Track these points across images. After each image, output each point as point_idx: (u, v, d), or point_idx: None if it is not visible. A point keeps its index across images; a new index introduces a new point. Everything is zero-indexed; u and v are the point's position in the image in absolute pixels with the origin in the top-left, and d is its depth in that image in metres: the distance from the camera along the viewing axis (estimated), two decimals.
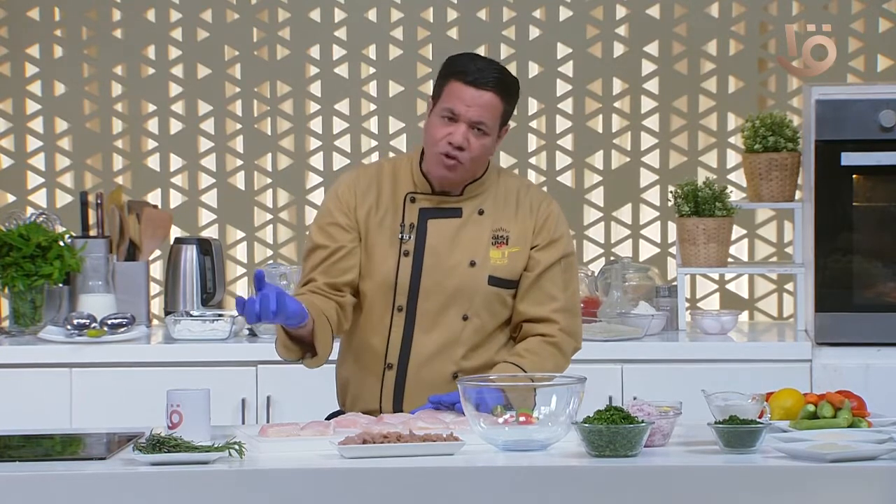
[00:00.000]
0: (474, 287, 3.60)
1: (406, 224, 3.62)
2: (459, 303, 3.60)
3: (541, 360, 3.59)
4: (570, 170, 6.08)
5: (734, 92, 6.03)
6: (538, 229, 3.65)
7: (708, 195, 5.09)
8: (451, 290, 3.60)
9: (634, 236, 6.07)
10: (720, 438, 3.20)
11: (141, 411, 4.09)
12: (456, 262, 3.60)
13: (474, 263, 3.61)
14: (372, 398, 3.64)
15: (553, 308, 3.64)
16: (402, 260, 3.60)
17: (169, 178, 6.07)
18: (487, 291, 3.62)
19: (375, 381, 3.63)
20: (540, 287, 3.64)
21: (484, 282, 3.62)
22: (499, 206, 3.65)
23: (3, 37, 6.03)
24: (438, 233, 3.62)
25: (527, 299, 3.64)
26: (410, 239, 3.62)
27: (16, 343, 4.84)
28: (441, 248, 3.61)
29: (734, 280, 6.02)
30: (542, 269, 3.64)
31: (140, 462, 3.09)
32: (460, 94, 3.56)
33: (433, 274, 3.59)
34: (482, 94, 3.55)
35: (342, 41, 6.07)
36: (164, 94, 6.06)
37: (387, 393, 3.62)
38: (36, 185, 6.06)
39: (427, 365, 3.60)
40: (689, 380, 4.53)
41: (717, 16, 6.02)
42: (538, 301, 3.64)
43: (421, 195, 3.64)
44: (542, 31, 6.06)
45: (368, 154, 6.09)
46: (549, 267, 3.65)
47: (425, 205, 3.63)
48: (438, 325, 3.60)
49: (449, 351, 3.60)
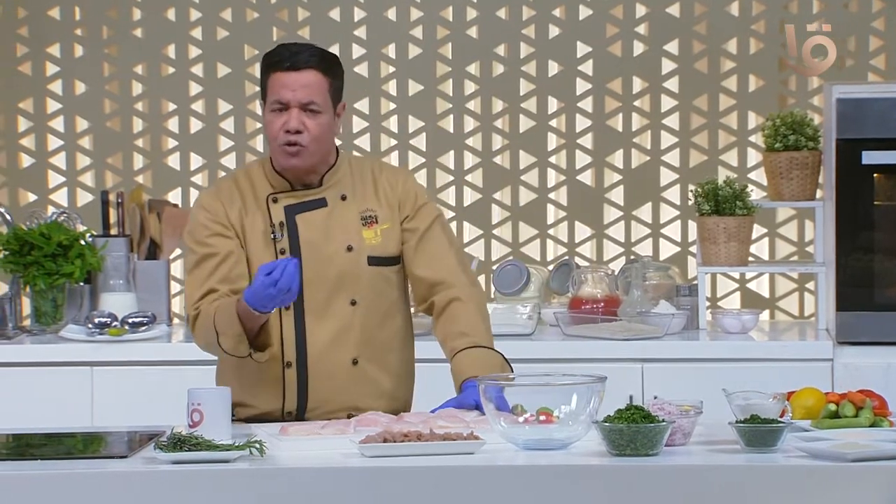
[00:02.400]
0: (356, 271, 3.64)
1: (276, 224, 3.63)
2: (345, 289, 3.63)
3: (477, 326, 3.62)
4: (590, 169, 6.07)
5: (755, 90, 6.02)
6: (402, 203, 3.71)
7: (728, 194, 5.08)
8: (333, 278, 3.62)
9: (655, 235, 6.06)
10: (741, 438, 3.20)
11: (162, 410, 4.10)
12: (333, 250, 3.64)
13: (351, 248, 3.65)
14: (271, 401, 3.64)
15: (449, 266, 3.68)
16: (280, 258, 3.62)
17: (189, 176, 6.08)
18: (370, 272, 3.66)
19: (275, 382, 3.63)
20: (426, 249, 3.69)
21: (364, 264, 3.66)
22: (358, 189, 3.69)
23: (24, 36, 6.05)
24: (309, 225, 3.65)
25: (419, 264, 3.69)
26: (283, 237, 3.64)
27: (37, 342, 4.86)
28: (315, 238, 3.64)
29: (755, 279, 6.01)
30: (421, 233, 3.70)
31: (161, 460, 3.09)
32: (283, 82, 3.59)
33: (313, 265, 3.62)
34: (302, 74, 3.59)
35: (362, 40, 6.08)
36: (184, 93, 6.07)
37: (290, 390, 3.63)
38: (57, 185, 6.08)
39: (325, 355, 3.63)
40: (709, 379, 4.52)
41: (737, 14, 6.01)
42: (431, 262, 3.68)
43: (281, 194, 3.67)
44: (561, 30, 6.06)
45: (388, 153, 6.09)
46: (427, 229, 3.70)
47: (288, 202, 3.66)
48: (328, 315, 3.63)
49: (344, 338, 3.62)
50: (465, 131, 6.09)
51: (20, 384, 4.70)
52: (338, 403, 3.62)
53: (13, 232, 5.04)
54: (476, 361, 3.57)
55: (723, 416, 3.36)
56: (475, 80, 6.08)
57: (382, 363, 3.67)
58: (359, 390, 3.63)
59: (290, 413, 3.63)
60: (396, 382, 3.70)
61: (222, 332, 3.55)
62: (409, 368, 3.76)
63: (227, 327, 3.54)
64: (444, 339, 3.65)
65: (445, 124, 6.10)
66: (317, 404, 3.62)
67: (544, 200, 6.09)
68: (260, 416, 3.60)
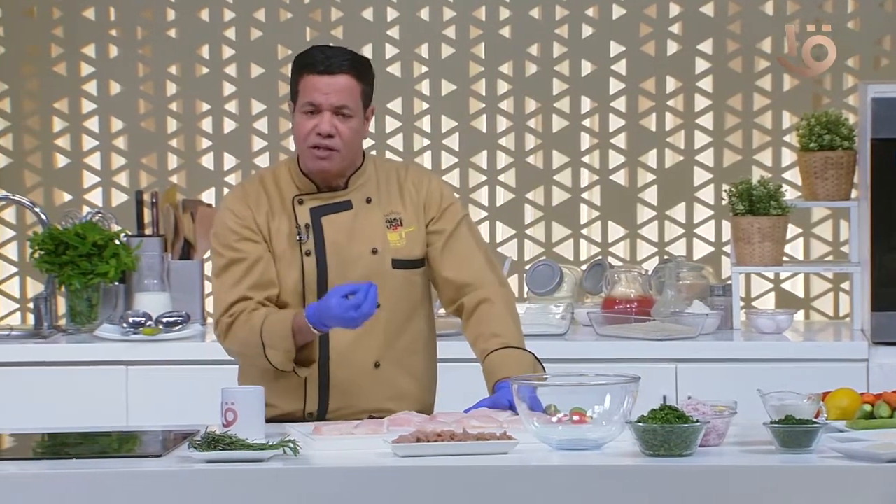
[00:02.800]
0: (381, 274, 3.63)
1: (301, 225, 3.63)
2: None
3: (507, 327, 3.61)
4: (624, 168, 6.06)
5: (789, 90, 6.00)
6: (427, 205, 3.70)
7: (763, 194, 5.06)
8: (358, 280, 3.61)
9: (688, 235, 6.04)
10: (776, 438, 3.18)
11: (196, 409, 4.11)
12: (358, 253, 3.63)
13: (376, 251, 3.64)
14: (293, 402, 3.64)
15: (477, 267, 3.67)
16: (306, 260, 3.62)
17: (223, 176, 6.10)
18: (395, 275, 3.65)
19: (297, 383, 3.63)
20: (453, 251, 3.68)
21: (389, 266, 3.65)
22: (383, 191, 3.68)
23: (59, 37, 6.08)
24: (334, 227, 3.64)
25: (447, 266, 3.67)
26: (308, 239, 3.64)
27: (73, 341, 4.88)
28: (340, 241, 3.63)
29: (789, 279, 5.99)
30: (448, 235, 3.68)
31: (195, 459, 3.10)
32: (315, 85, 3.59)
33: (338, 268, 3.62)
34: (336, 78, 3.59)
35: (395, 40, 6.08)
36: (218, 93, 6.08)
37: (311, 391, 3.63)
38: (92, 184, 6.10)
39: (347, 357, 3.62)
40: (744, 379, 4.50)
41: (771, 13, 5.99)
42: (459, 264, 3.67)
43: (307, 196, 3.66)
44: (595, 30, 6.05)
45: (421, 153, 6.09)
46: (454, 230, 3.69)
47: (314, 204, 3.66)
48: None
49: (366, 340, 3.62)
50: (497, 131, 6.09)
51: (56, 383, 4.72)
52: (359, 406, 3.62)
53: (48, 232, 5.07)
54: (508, 362, 3.56)
55: (757, 416, 3.34)
56: (508, 80, 6.07)
57: (404, 366, 3.67)
58: (380, 393, 3.63)
59: (310, 414, 3.63)
60: (418, 385, 3.70)
61: (272, 346, 3.55)
62: (431, 372, 3.75)
63: (280, 342, 3.54)
64: (475, 340, 3.64)
65: (478, 124, 6.10)
66: (338, 406, 3.62)
67: (577, 200, 6.08)
68: (281, 417, 3.60)
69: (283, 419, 3.59)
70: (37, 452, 3.31)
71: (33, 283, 6.06)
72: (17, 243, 6.13)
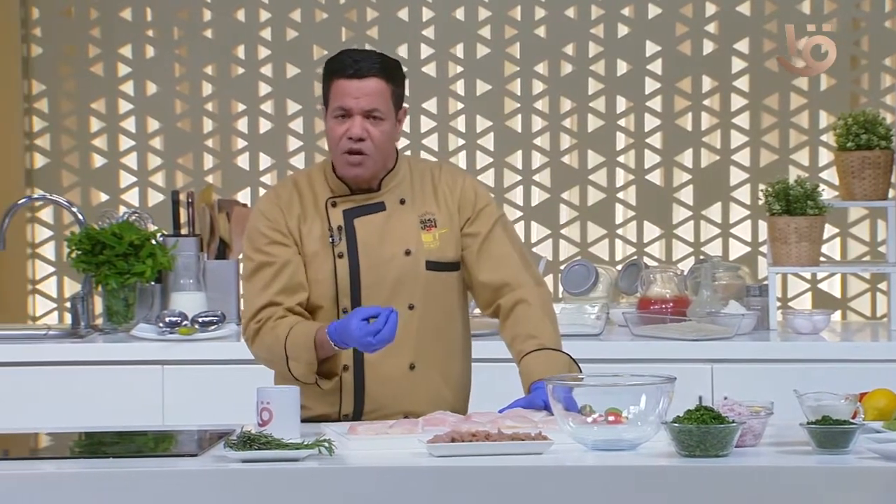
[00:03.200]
0: (414, 275, 3.61)
1: (334, 227, 3.63)
2: (402, 293, 3.61)
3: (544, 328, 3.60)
4: (660, 168, 6.04)
5: (826, 89, 5.97)
6: (461, 207, 3.68)
7: (799, 193, 5.04)
8: (391, 282, 3.60)
9: (724, 235, 6.02)
10: (813, 439, 3.17)
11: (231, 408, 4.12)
12: (391, 254, 3.62)
13: (409, 252, 3.62)
14: (328, 404, 3.64)
15: (513, 268, 3.65)
16: (338, 262, 3.61)
17: (258, 176, 6.12)
18: (428, 277, 3.63)
19: (332, 386, 3.62)
20: (489, 253, 3.66)
21: (422, 268, 3.63)
22: (417, 192, 3.67)
23: (96, 37, 6.10)
24: (367, 229, 3.63)
25: (482, 268, 3.66)
26: (341, 241, 3.62)
27: (109, 340, 4.90)
28: (373, 242, 3.62)
29: (826, 279, 5.96)
30: (483, 237, 3.67)
31: (231, 459, 3.11)
32: (345, 89, 3.58)
33: (371, 269, 3.60)
34: (366, 82, 3.57)
35: (430, 40, 6.08)
36: (253, 93, 6.10)
37: (346, 393, 3.63)
38: (128, 185, 6.13)
39: (381, 360, 3.61)
40: (780, 380, 4.49)
41: (808, 12, 5.96)
42: (495, 265, 3.66)
43: (340, 198, 3.65)
44: (630, 29, 6.03)
45: (456, 153, 6.09)
46: (489, 232, 3.67)
47: (347, 206, 3.64)
48: None
49: (400, 342, 3.59)
50: (533, 131, 6.09)
51: (92, 383, 4.75)
52: (394, 408, 3.62)
53: (85, 232, 5.09)
54: (544, 363, 3.55)
55: (794, 417, 3.33)
56: (543, 80, 6.07)
57: (439, 369, 3.66)
58: (415, 395, 3.63)
59: (346, 416, 3.63)
60: (453, 388, 3.69)
61: (295, 358, 3.55)
62: (465, 375, 3.75)
63: (302, 353, 3.54)
64: (512, 341, 3.64)
65: (513, 124, 6.09)
66: (373, 408, 3.62)
67: (613, 200, 6.07)
68: (316, 419, 3.60)
69: (317, 421, 3.59)
70: (74, 451, 3.33)
71: (70, 283, 6.09)
72: (54, 243, 6.16)
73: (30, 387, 4.74)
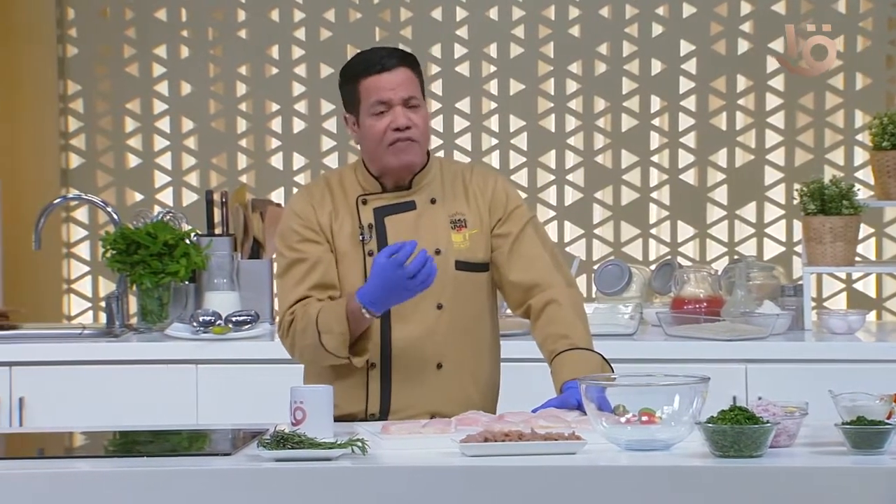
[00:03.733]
0: (443, 275, 3.60)
1: (364, 225, 3.62)
2: (431, 292, 3.58)
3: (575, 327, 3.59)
4: (694, 168, 6.03)
5: (861, 89, 5.94)
6: (492, 208, 3.67)
7: (835, 193, 5.02)
8: None
9: (759, 235, 6.00)
10: (847, 439, 3.16)
11: (265, 408, 4.13)
12: None
13: (439, 251, 3.62)
14: (354, 402, 3.64)
15: (544, 268, 3.64)
16: (368, 260, 3.61)
17: (292, 176, 6.13)
18: (457, 277, 3.63)
19: (359, 384, 3.63)
20: (520, 253, 3.65)
21: (452, 268, 3.63)
22: (448, 192, 3.67)
23: (132, 37, 6.13)
24: (397, 228, 3.63)
25: (513, 269, 3.65)
26: (372, 238, 3.63)
27: (143, 339, 4.92)
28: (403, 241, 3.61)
29: (861, 279, 5.93)
30: (514, 238, 3.66)
31: (264, 458, 3.12)
32: (380, 84, 3.58)
33: None
34: (396, 73, 3.59)
35: (463, 40, 6.08)
36: (287, 93, 6.12)
37: (373, 392, 3.63)
38: (163, 184, 6.15)
39: (408, 358, 3.61)
40: (815, 380, 4.47)
41: (844, 12, 5.94)
42: (526, 266, 3.65)
43: (371, 196, 3.65)
44: (665, 28, 6.02)
45: (489, 152, 6.09)
46: (520, 232, 3.67)
47: (378, 204, 3.65)
48: (414, 318, 3.60)
49: (428, 342, 3.60)
50: (566, 130, 6.08)
51: (127, 381, 4.77)
52: (421, 407, 3.62)
53: (120, 231, 5.11)
54: (576, 363, 3.55)
55: (828, 417, 3.32)
56: (577, 79, 6.06)
57: (468, 369, 3.66)
58: (442, 395, 3.63)
59: (372, 415, 3.63)
60: (481, 389, 3.69)
61: (327, 331, 3.55)
62: (494, 376, 3.74)
63: (334, 325, 3.54)
64: (543, 342, 3.63)
65: (547, 123, 6.09)
66: (400, 407, 3.62)
67: (646, 200, 6.05)
68: (343, 417, 3.60)
69: (344, 419, 3.60)
70: (108, 450, 3.34)
71: (105, 283, 6.12)
72: (89, 243, 6.19)
73: (65, 386, 4.76)
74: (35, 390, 4.76)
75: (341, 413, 3.61)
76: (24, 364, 4.77)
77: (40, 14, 6.06)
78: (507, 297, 3.70)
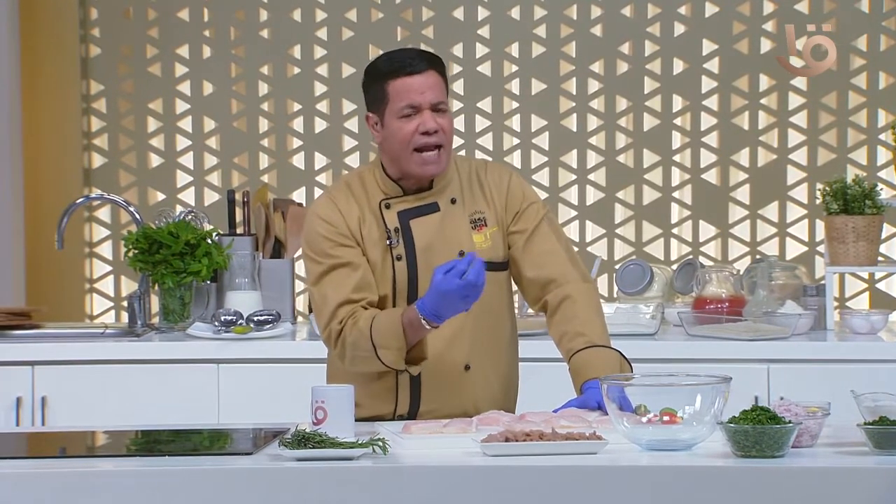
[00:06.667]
0: None
1: (391, 229, 3.61)
2: None
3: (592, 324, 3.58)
4: (716, 167, 6.01)
5: (885, 88, 5.92)
6: (508, 205, 3.66)
7: (857, 193, 5.00)
8: None
9: (781, 234, 5.98)
10: (870, 440, 3.15)
11: (286, 407, 4.13)
12: (447, 255, 3.59)
13: (463, 253, 3.60)
14: (384, 404, 3.63)
15: (559, 263, 3.63)
16: (397, 265, 3.60)
17: (314, 176, 6.13)
18: None
19: (388, 385, 3.62)
20: (535, 249, 3.64)
21: None
22: (466, 191, 3.66)
23: (154, 38, 6.14)
24: (423, 231, 3.62)
25: (529, 265, 3.64)
26: (399, 243, 3.61)
27: (165, 339, 4.93)
28: (430, 244, 3.61)
29: (884, 279, 5.91)
30: (529, 234, 3.65)
31: (285, 457, 3.12)
32: (409, 87, 3.56)
33: (428, 271, 3.57)
34: (426, 76, 3.57)
35: (485, 39, 6.08)
36: (309, 93, 6.12)
37: (403, 393, 3.62)
38: (185, 184, 6.16)
39: (438, 361, 3.59)
40: (837, 380, 4.46)
41: (867, 11, 5.92)
42: (541, 262, 3.64)
43: (394, 199, 3.63)
44: (687, 28, 6.01)
45: (511, 152, 6.09)
46: (535, 228, 3.65)
47: (401, 207, 3.63)
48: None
49: (456, 343, 3.60)
50: (588, 130, 6.07)
51: (148, 381, 4.78)
52: (449, 408, 3.61)
53: (142, 231, 5.12)
54: (595, 361, 3.54)
55: (851, 417, 3.30)
56: (599, 79, 6.05)
57: (492, 368, 3.66)
58: (470, 395, 3.63)
59: (401, 416, 3.63)
60: (504, 388, 3.69)
61: (384, 346, 3.52)
62: (514, 374, 3.74)
63: (391, 340, 3.52)
64: (560, 339, 3.62)
65: (568, 123, 6.08)
66: (429, 408, 3.62)
67: (668, 199, 6.04)
68: (371, 418, 3.60)
69: (373, 420, 3.60)
70: (130, 449, 3.35)
71: (127, 282, 6.14)
72: (111, 242, 6.20)
73: (87, 385, 4.77)
74: (57, 390, 4.77)
75: (370, 414, 3.61)
76: (46, 363, 4.79)
77: (63, 14, 6.08)
78: (524, 293, 3.70)
